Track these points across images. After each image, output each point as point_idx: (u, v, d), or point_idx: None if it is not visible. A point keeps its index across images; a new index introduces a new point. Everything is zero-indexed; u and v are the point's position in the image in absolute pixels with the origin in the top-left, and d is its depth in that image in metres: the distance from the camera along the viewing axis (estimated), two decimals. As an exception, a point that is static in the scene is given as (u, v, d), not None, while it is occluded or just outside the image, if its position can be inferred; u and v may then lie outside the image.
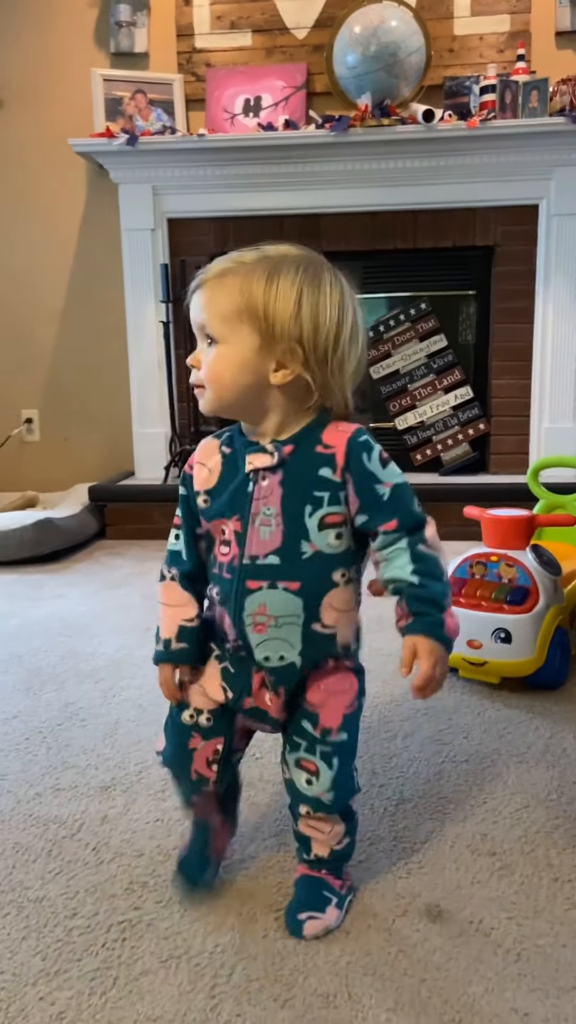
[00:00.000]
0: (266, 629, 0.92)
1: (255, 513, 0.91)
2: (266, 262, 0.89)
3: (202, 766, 1.00)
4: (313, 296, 0.87)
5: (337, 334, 0.89)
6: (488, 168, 3.00)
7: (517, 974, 0.91)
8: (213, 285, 0.89)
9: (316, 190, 3.10)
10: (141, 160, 3.10)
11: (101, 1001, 0.88)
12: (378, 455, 0.90)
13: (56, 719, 1.58)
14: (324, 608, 0.92)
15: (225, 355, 0.88)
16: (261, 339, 0.87)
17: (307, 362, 0.88)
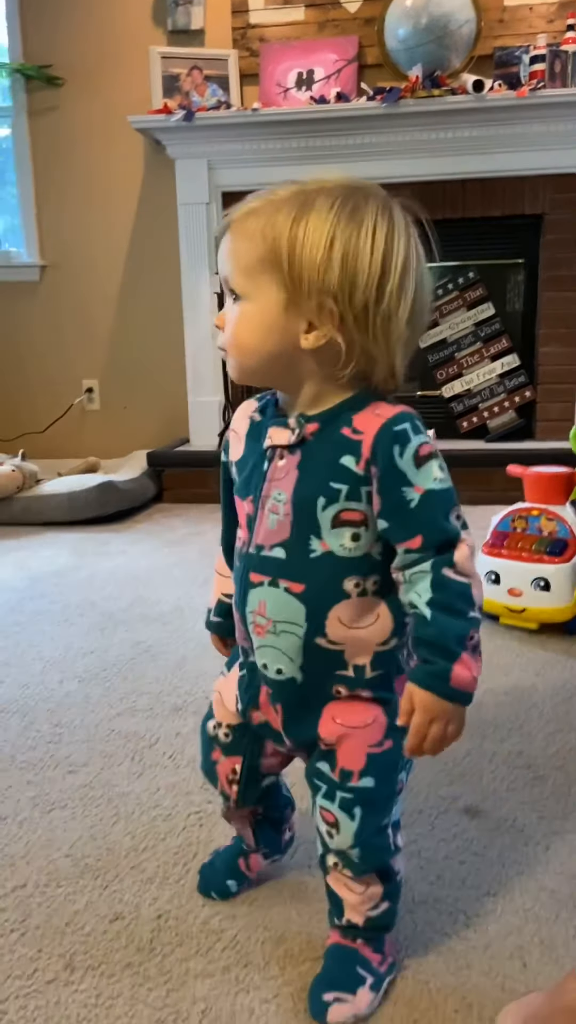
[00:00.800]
0: (264, 633, 0.79)
1: (265, 496, 0.77)
2: (297, 197, 0.72)
3: (224, 782, 0.91)
4: (350, 236, 0.70)
5: (381, 284, 0.71)
6: (537, 137, 3.04)
7: (546, 861, 1.04)
8: (237, 229, 0.74)
9: (367, 161, 3.17)
10: (197, 135, 3.20)
11: (183, 870, 1.04)
12: (414, 450, 0.72)
13: (129, 655, 1.74)
14: (331, 620, 0.76)
15: (248, 315, 0.74)
16: (287, 294, 0.71)
17: (342, 321, 0.71)
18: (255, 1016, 0.81)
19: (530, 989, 0.83)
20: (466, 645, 0.72)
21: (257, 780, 0.91)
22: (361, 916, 0.83)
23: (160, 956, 0.90)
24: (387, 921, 0.85)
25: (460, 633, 0.71)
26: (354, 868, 0.81)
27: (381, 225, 0.71)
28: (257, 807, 0.96)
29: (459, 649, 0.71)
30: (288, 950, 0.90)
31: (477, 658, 0.73)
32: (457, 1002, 0.82)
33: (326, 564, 0.76)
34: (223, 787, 0.92)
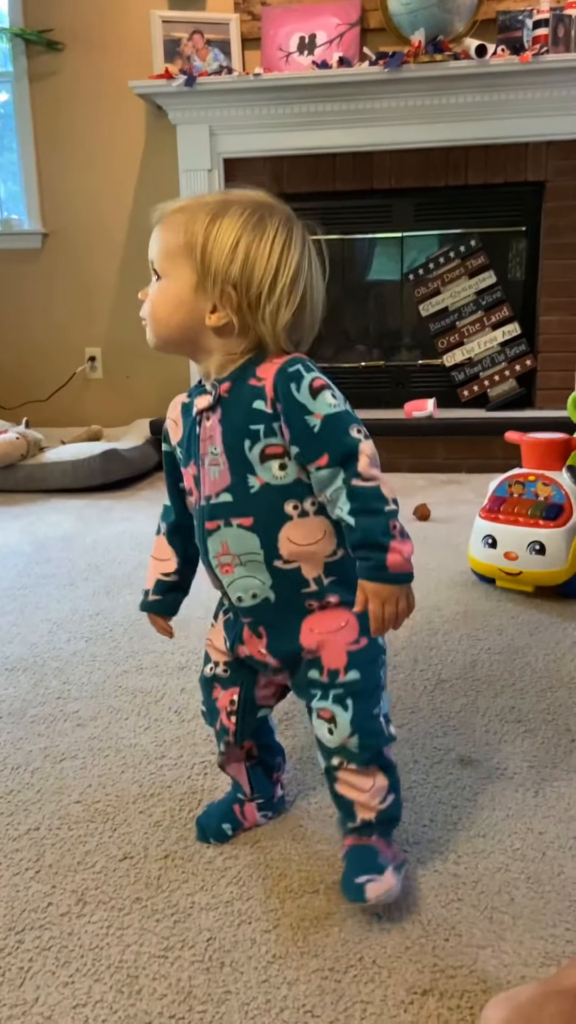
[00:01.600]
0: (232, 568, 0.91)
1: (203, 454, 0.90)
2: (218, 203, 0.88)
3: (224, 716, 1.00)
4: (252, 241, 0.86)
5: (273, 282, 0.86)
6: (540, 103, 3.03)
7: (535, 805, 1.09)
8: (165, 221, 0.90)
9: (369, 127, 3.16)
10: (198, 100, 3.19)
11: (189, 815, 1.09)
12: (308, 384, 0.85)
13: (134, 615, 1.78)
14: (282, 542, 0.89)
15: (164, 290, 0.89)
16: (198, 278, 0.87)
17: (239, 307, 0.86)
18: (256, 944, 0.86)
19: (516, 920, 0.89)
20: (392, 535, 0.83)
21: (253, 711, 1.00)
22: (373, 812, 0.91)
23: (167, 891, 0.95)
24: (395, 812, 0.93)
25: (383, 528, 0.83)
26: (357, 759, 0.90)
27: (280, 236, 0.87)
28: (253, 747, 1.04)
29: (386, 540, 0.83)
30: (288, 886, 0.95)
31: (405, 541, 0.84)
32: (447, 931, 0.87)
33: (265, 495, 0.88)
34: (223, 722, 1.00)
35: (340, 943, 0.86)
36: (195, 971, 0.83)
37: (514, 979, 0.81)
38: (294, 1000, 0.80)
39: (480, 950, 0.85)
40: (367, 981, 0.81)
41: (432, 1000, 0.79)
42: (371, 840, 0.92)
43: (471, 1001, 0.79)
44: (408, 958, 0.84)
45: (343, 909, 0.91)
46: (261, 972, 0.83)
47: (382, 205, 3.35)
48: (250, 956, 0.85)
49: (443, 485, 2.93)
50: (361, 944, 0.86)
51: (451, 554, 2.11)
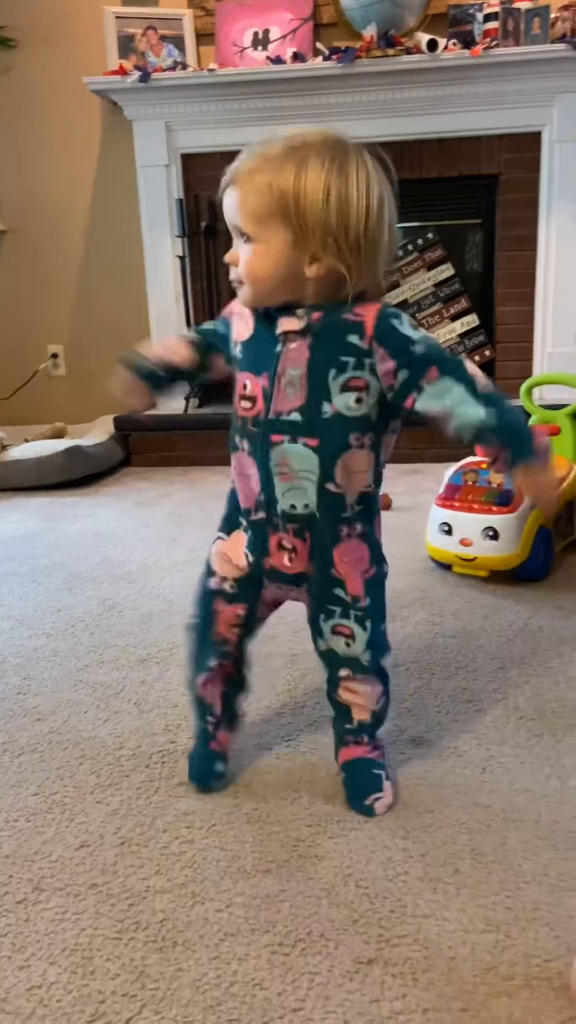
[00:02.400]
0: (290, 478, 0.99)
1: (281, 373, 0.95)
2: (292, 154, 0.89)
3: (225, 628, 1.10)
4: (341, 186, 0.88)
5: (367, 219, 0.90)
6: (492, 96, 3.07)
7: (482, 781, 1.12)
8: (244, 184, 0.91)
9: (325, 122, 3.16)
10: (154, 96, 3.19)
11: (147, 803, 1.11)
12: (407, 320, 0.94)
13: (96, 611, 1.79)
14: (338, 468, 0.97)
15: (261, 252, 0.91)
16: (294, 235, 0.89)
17: (340, 252, 0.89)
18: (208, 923, 0.89)
19: (460, 890, 0.92)
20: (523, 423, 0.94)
21: (253, 626, 1.13)
22: (368, 713, 1.08)
23: (123, 876, 0.97)
24: (384, 712, 1.11)
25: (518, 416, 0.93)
26: (364, 669, 1.06)
27: (362, 175, 0.90)
28: (233, 668, 1.14)
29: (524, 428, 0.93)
30: (241, 867, 0.97)
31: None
32: (393, 903, 0.91)
33: (336, 423, 0.95)
34: (224, 635, 1.11)
35: (290, 919, 0.89)
36: (148, 951, 0.86)
37: (456, 944, 0.85)
38: (244, 974, 0.82)
39: (424, 920, 0.88)
40: (315, 953, 0.84)
41: (377, 968, 0.82)
42: (363, 749, 1.09)
43: (413, 967, 0.82)
44: (355, 930, 0.87)
45: (293, 887, 0.94)
46: (213, 949, 0.85)
47: (340, 199, 3.37)
48: (202, 935, 0.87)
49: (405, 475, 2.96)
50: (310, 919, 0.89)
51: (411, 542, 2.14)
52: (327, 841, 1.01)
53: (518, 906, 0.89)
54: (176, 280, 3.35)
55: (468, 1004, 0.78)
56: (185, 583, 1.94)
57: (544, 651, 1.50)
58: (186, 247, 3.29)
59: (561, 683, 1.38)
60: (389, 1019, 0.77)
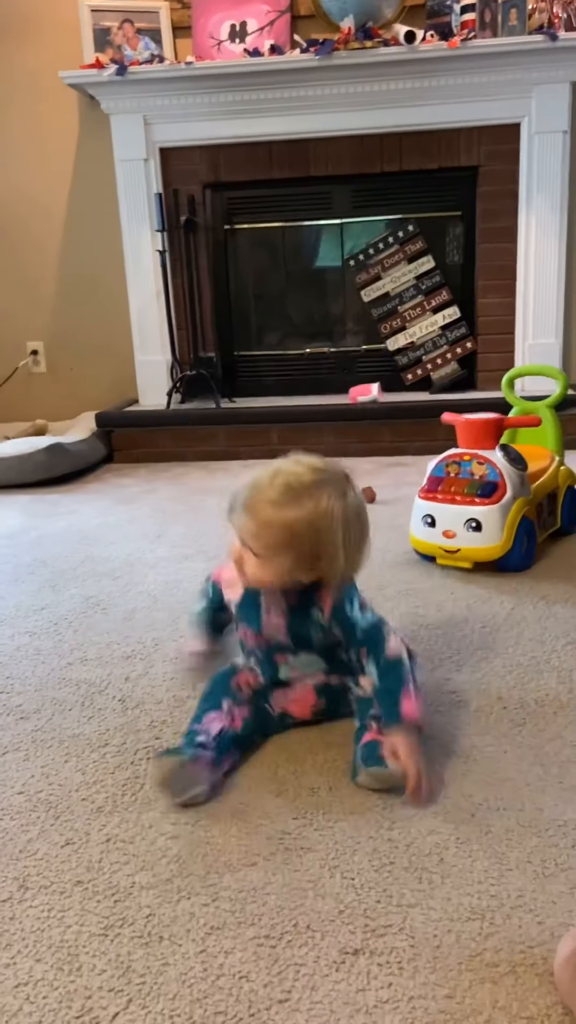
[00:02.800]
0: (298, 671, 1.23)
1: (264, 630, 1.20)
2: (306, 496, 1.07)
3: (244, 683, 1.22)
4: (341, 523, 1.08)
5: (359, 547, 1.12)
6: (470, 88, 3.07)
7: (466, 771, 1.13)
8: (260, 520, 1.08)
9: (304, 115, 3.17)
10: (131, 90, 3.17)
11: (132, 799, 1.11)
12: (357, 606, 1.17)
13: (80, 608, 1.79)
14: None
15: (265, 567, 1.11)
16: (298, 558, 1.09)
17: (333, 565, 1.10)
18: (195, 918, 0.89)
19: (444, 879, 0.92)
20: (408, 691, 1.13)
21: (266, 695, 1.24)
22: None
23: (108, 873, 0.97)
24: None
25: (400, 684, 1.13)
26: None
27: (354, 507, 1.11)
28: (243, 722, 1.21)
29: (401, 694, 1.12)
30: (227, 861, 0.97)
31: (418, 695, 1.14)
32: (379, 894, 0.91)
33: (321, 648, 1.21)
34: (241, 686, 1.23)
35: (276, 911, 0.89)
36: (134, 946, 0.86)
37: (441, 933, 0.85)
38: (230, 967, 0.82)
39: (410, 909, 0.89)
40: (300, 945, 0.85)
41: (363, 959, 0.83)
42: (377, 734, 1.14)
43: (399, 956, 0.82)
44: (341, 921, 0.87)
45: (279, 879, 0.94)
46: (199, 943, 0.85)
47: (320, 192, 3.37)
48: (188, 929, 0.87)
49: (389, 468, 2.97)
50: (296, 911, 0.89)
51: (396, 535, 2.15)
52: (313, 833, 1.01)
53: (502, 893, 0.90)
54: (156, 275, 3.34)
55: (453, 991, 0.78)
56: (169, 579, 1.94)
57: (527, 641, 1.51)
58: (165, 242, 3.27)
59: (544, 672, 1.39)
60: (375, 1008, 0.77)
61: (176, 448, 3.24)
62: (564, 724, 1.23)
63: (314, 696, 1.24)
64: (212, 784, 1.08)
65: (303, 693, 1.23)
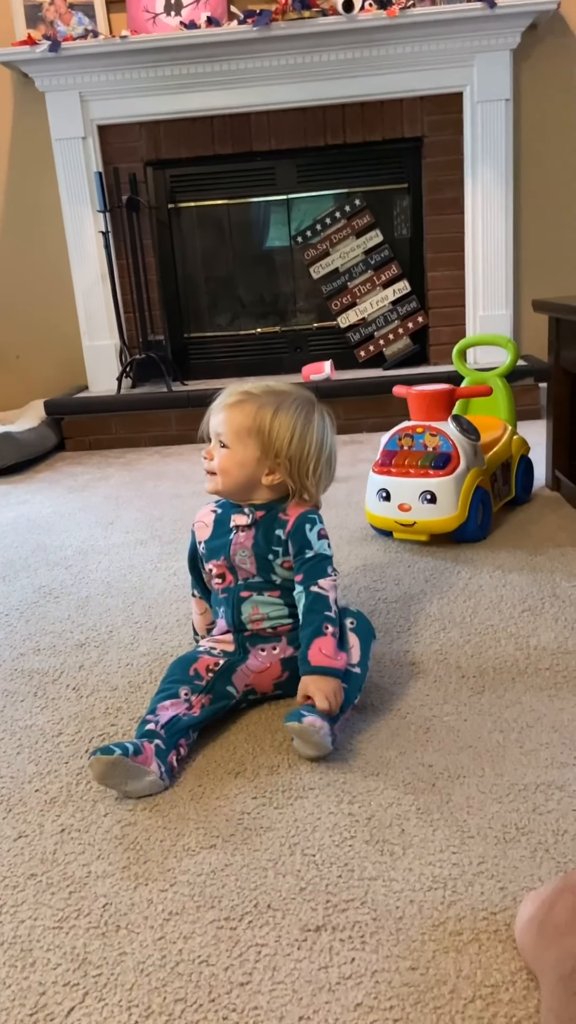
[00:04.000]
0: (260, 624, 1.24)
1: (233, 555, 1.24)
2: (274, 397, 1.21)
3: (202, 668, 1.19)
4: (305, 430, 1.20)
5: (318, 460, 1.21)
6: (411, 57, 3.04)
7: (425, 741, 1.12)
8: (233, 407, 1.20)
9: (244, 88, 3.12)
10: (65, 66, 3.08)
11: (87, 788, 1.08)
12: (318, 531, 1.21)
13: (32, 598, 1.74)
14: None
15: (233, 456, 1.20)
16: (262, 452, 1.19)
17: (291, 473, 1.20)
18: (152, 904, 0.87)
19: (406, 849, 0.91)
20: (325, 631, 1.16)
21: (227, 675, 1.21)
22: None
23: (63, 864, 0.94)
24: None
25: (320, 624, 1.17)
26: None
27: (320, 426, 1.23)
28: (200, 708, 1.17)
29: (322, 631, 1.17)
30: (186, 844, 0.95)
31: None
32: (340, 868, 0.89)
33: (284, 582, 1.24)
34: (200, 671, 1.18)
35: (236, 892, 0.87)
36: (90, 938, 0.83)
37: (403, 904, 0.84)
38: (189, 952, 0.80)
39: (371, 882, 0.87)
40: (262, 925, 0.83)
41: (325, 935, 0.81)
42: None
43: (362, 931, 0.81)
44: (302, 899, 0.86)
45: (239, 860, 0.92)
46: (157, 930, 0.83)
47: (264, 168, 3.32)
48: (146, 916, 0.85)
49: (344, 445, 2.95)
50: (257, 891, 0.87)
51: (351, 511, 2.14)
52: (272, 812, 1.00)
53: (464, 861, 0.89)
54: (101, 256, 3.26)
55: (416, 963, 0.77)
56: (123, 565, 1.90)
57: (484, 610, 1.51)
58: (108, 222, 3.20)
59: (501, 640, 1.39)
60: (338, 984, 0.76)
61: (128, 434, 3.19)
62: (523, 689, 1.23)
63: (279, 668, 1.22)
64: (162, 772, 1.05)
65: (270, 663, 1.22)
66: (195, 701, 1.15)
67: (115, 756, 1.01)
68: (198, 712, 1.15)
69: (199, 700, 1.16)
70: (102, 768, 1.02)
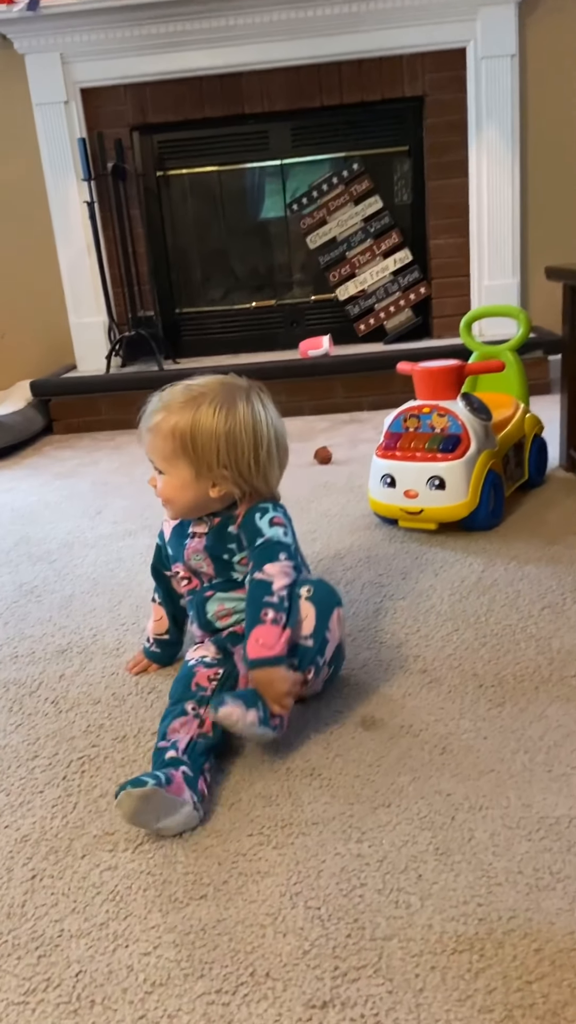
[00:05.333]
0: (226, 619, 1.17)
1: (187, 559, 1.18)
2: (190, 403, 1.09)
3: (203, 679, 1.10)
4: (230, 428, 1.07)
5: (256, 454, 1.09)
6: (411, 11, 2.86)
7: (441, 764, 1.00)
8: (153, 430, 1.10)
9: (234, 46, 2.94)
10: (45, 26, 2.90)
11: (63, 823, 0.96)
12: (269, 519, 1.11)
13: (11, 597, 1.62)
14: None
15: (171, 483, 1.12)
16: (195, 468, 1.09)
17: (235, 478, 1.09)
18: (133, 972, 0.75)
19: (424, 901, 0.80)
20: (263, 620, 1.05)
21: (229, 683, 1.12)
22: None
23: (32, 920, 0.82)
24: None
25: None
26: None
27: (248, 413, 1.09)
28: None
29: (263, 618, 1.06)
30: (172, 894, 0.84)
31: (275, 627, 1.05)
32: (349, 925, 0.78)
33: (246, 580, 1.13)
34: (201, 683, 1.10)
35: (229, 955, 0.76)
36: (60, 1015, 0.72)
37: (423, 972, 0.72)
38: (175, 1036, 0.69)
39: (385, 943, 0.76)
40: (259, 999, 0.71)
41: (333, 1013, 0.70)
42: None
43: (376, 1007, 0.70)
44: (306, 964, 0.74)
45: (233, 914, 0.80)
46: (137, 1006, 0.72)
47: (257, 131, 3.14)
48: (125, 988, 0.74)
49: (344, 425, 2.82)
50: (253, 954, 0.76)
51: (353, 497, 2.01)
52: (271, 852, 0.88)
53: (492, 916, 0.77)
54: (86, 227, 3.10)
55: (441, 1048, 0.66)
56: (110, 559, 1.77)
57: (500, 607, 1.38)
58: (93, 191, 3.03)
59: (520, 642, 1.27)
60: (349, 1077, 0.64)
61: (119, 415, 3.04)
62: (547, 701, 1.11)
63: None
64: (195, 802, 0.92)
65: None
66: (204, 713, 1.04)
67: (149, 788, 0.88)
68: (210, 729, 1.02)
69: (208, 712, 1.04)
70: (135, 804, 0.88)
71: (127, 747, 1.09)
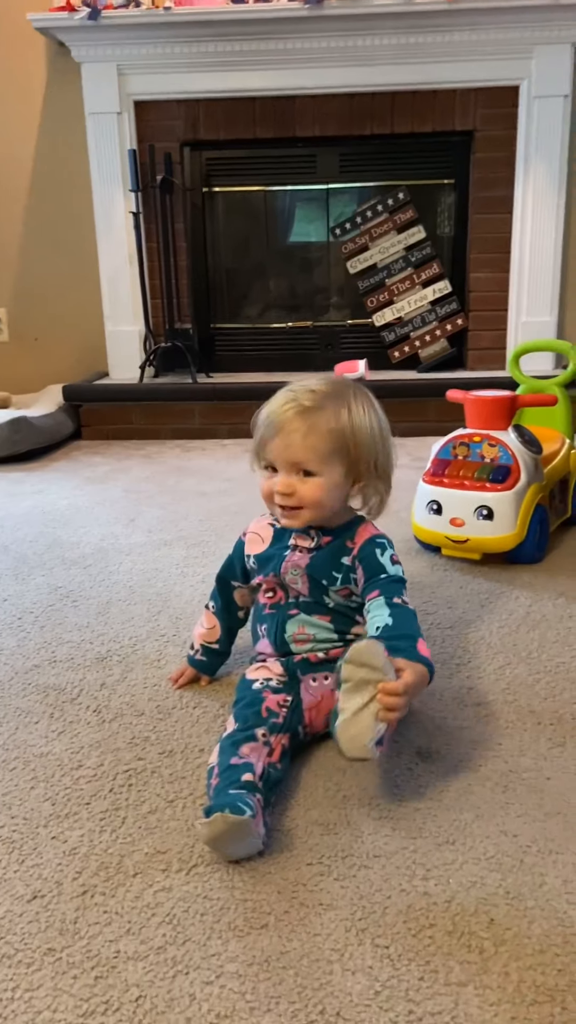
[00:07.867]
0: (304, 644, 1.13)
1: (284, 572, 1.13)
2: (339, 400, 1.06)
3: (274, 705, 1.04)
4: (379, 425, 1.09)
5: (389, 450, 1.11)
6: (467, 46, 2.88)
7: (504, 802, 0.97)
8: (309, 430, 1.04)
9: (290, 69, 2.96)
10: (104, 36, 2.93)
11: (112, 837, 0.93)
12: (390, 556, 1.11)
13: (47, 601, 1.59)
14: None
15: (324, 486, 1.06)
16: (348, 467, 1.07)
17: (377, 474, 1.10)
18: (196, 1001, 0.72)
19: (498, 947, 0.76)
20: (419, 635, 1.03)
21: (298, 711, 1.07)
22: None
23: (86, 938, 0.79)
24: None
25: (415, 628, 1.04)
26: None
27: (379, 408, 1.12)
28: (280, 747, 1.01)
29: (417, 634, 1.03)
30: (231, 921, 0.80)
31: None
32: (421, 967, 0.74)
33: (339, 609, 1.13)
34: (272, 708, 1.03)
35: (296, 991, 0.72)
36: (121, 1044, 0.68)
37: (502, 1022, 0.69)
38: (245, 1074, 0.65)
39: (460, 989, 0.72)
40: (332, 1041, 0.68)
41: (410, 1060, 0.66)
42: None
43: (456, 1057, 0.66)
44: (378, 1006, 0.71)
45: (297, 947, 0.77)
46: (203, 1039, 0.68)
47: (305, 155, 3.16)
48: (188, 1018, 0.70)
49: (376, 450, 2.80)
50: (321, 991, 0.72)
51: (391, 522, 1.96)
52: (333, 884, 0.84)
53: (572, 967, 0.74)
54: (130, 237, 3.11)
55: None
56: (147, 568, 1.75)
57: (552, 644, 1.35)
58: (140, 202, 3.04)
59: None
60: None
61: (149, 425, 3.04)
62: (609, 744, 1.08)
63: (332, 701, 1.04)
64: (262, 833, 0.88)
65: (321, 695, 1.09)
66: (275, 742, 0.99)
67: (246, 817, 0.84)
68: (278, 759, 0.98)
69: (279, 740, 1.00)
70: (225, 829, 0.84)
71: (175, 762, 1.06)
